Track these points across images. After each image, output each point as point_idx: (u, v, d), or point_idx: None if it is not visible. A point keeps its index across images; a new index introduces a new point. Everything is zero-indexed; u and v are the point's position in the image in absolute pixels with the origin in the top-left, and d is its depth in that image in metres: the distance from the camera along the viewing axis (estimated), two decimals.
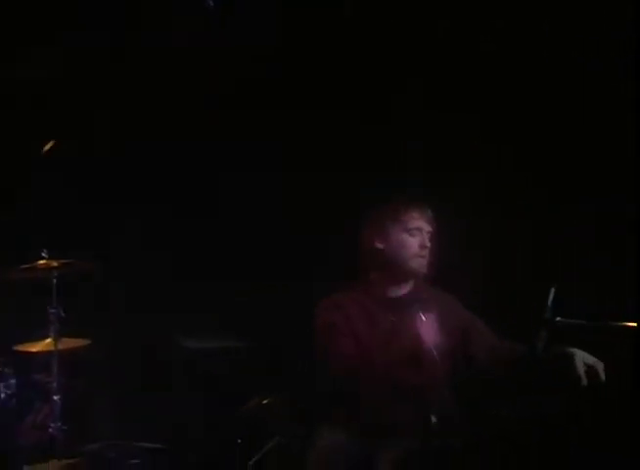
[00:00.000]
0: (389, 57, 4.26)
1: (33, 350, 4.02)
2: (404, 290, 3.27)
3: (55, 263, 3.98)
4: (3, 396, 3.87)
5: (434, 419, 2.94)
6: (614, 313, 2.93)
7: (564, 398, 2.96)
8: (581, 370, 2.92)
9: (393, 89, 4.27)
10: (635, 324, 2.83)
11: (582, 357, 2.94)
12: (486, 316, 3.33)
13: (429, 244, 3.22)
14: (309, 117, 4.38)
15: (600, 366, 2.95)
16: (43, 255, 3.99)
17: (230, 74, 4.44)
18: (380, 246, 3.21)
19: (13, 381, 3.91)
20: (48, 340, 4.02)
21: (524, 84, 4.01)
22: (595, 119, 3.82)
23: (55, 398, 3.90)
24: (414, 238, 3.20)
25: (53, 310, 4.01)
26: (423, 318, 3.11)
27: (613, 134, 3.79)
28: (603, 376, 2.93)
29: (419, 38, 4.18)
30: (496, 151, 4.01)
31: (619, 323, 2.89)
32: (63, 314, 4.00)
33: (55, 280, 4.01)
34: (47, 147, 4.16)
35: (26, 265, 3.94)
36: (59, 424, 3.86)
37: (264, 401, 3.72)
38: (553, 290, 2.85)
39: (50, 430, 3.84)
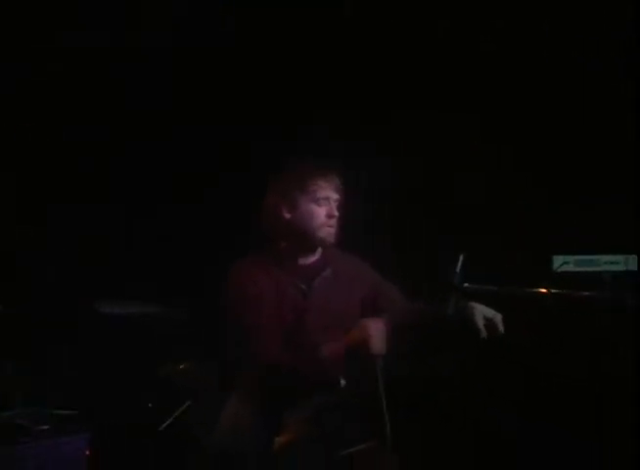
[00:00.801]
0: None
1: None
2: (313, 258, 3.21)
3: None
4: None
5: (342, 382, 2.97)
6: (522, 278, 2.97)
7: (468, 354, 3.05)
8: (481, 323, 2.95)
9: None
10: (544, 290, 2.89)
11: (482, 311, 2.98)
12: (396, 281, 3.34)
13: (337, 213, 3.13)
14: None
15: (498, 318, 2.98)
16: None
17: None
18: (287, 215, 3.13)
19: None
20: None
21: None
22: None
23: None
24: (321, 208, 3.12)
25: None
26: (333, 285, 3.12)
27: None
28: (502, 328, 2.97)
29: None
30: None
31: (527, 289, 2.94)
32: None
33: None
34: None
35: None
36: None
37: (180, 367, 3.74)
38: (462, 257, 2.87)
39: None
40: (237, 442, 2.87)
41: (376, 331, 2.86)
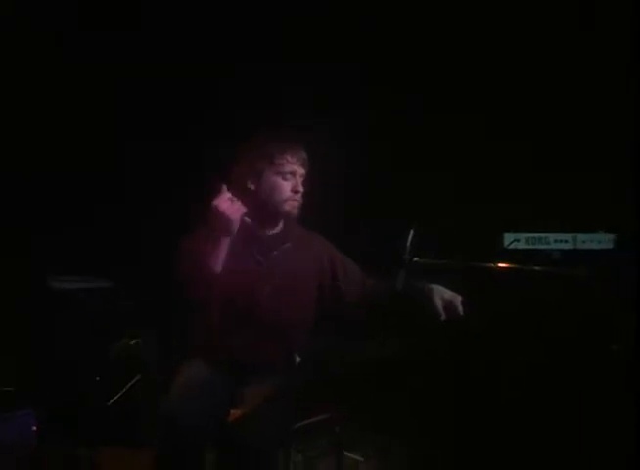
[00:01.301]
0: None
1: None
2: (274, 231, 3.21)
3: None
4: None
5: (297, 359, 3.05)
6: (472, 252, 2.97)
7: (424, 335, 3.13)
8: (440, 305, 2.95)
9: None
10: (492, 264, 2.92)
11: (440, 293, 2.98)
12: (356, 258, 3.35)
13: (302, 188, 3.14)
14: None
15: (457, 300, 2.98)
16: None
17: None
18: (251, 186, 3.12)
19: None
20: None
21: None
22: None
23: None
24: (287, 182, 3.12)
25: None
26: (290, 259, 3.11)
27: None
28: (461, 310, 2.98)
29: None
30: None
31: (477, 263, 2.95)
32: None
33: None
34: None
35: None
36: None
37: (133, 342, 3.72)
38: (412, 231, 2.87)
39: None
40: (188, 410, 2.80)
41: (219, 202, 2.84)
